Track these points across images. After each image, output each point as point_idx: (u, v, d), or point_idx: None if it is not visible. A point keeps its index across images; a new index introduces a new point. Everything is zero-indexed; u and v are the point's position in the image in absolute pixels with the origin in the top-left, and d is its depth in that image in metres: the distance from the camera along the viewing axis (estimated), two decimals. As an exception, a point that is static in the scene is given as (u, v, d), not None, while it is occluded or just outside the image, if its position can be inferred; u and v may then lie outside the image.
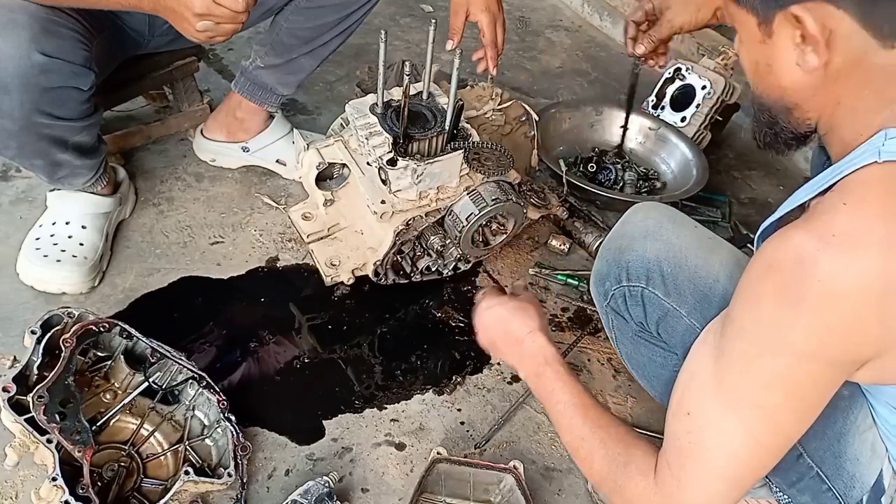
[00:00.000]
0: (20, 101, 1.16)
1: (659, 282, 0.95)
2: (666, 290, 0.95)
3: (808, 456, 0.94)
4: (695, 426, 0.84)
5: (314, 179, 1.51)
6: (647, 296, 0.97)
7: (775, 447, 0.82)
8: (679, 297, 0.94)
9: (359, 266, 1.51)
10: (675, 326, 0.96)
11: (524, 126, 1.77)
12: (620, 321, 1.03)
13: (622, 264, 0.98)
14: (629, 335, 1.05)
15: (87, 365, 1.21)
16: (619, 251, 0.99)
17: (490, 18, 1.48)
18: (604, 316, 1.06)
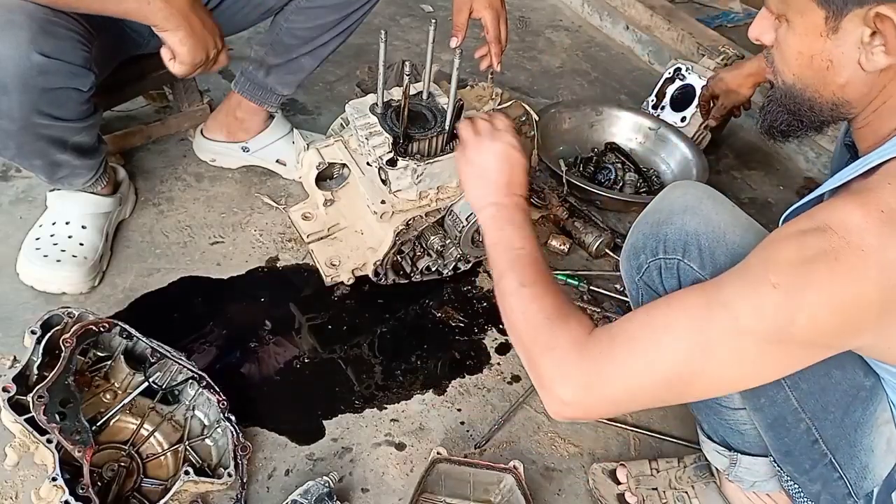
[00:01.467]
0: (19, 102, 1.16)
1: (696, 255, 0.93)
2: (702, 262, 0.93)
3: (823, 442, 0.94)
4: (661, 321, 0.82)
5: (314, 179, 1.51)
6: (683, 268, 0.95)
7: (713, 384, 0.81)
8: (715, 271, 0.91)
9: (359, 266, 1.51)
10: None
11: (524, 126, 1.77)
12: (651, 296, 1.01)
13: (659, 237, 0.96)
14: None
15: (87, 365, 1.21)
16: (657, 224, 0.97)
17: (494, 15, 1.48)
18: (633, 291, 1.04)
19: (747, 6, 2.89)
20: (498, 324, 1.56)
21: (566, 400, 0.85)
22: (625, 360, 0.83)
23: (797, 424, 0.95)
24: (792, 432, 0.96)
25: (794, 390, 0.92)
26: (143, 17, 1.15)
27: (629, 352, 0.82)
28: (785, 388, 0.93)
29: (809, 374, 0.90)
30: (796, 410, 0.94)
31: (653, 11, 2.59)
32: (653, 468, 1.27)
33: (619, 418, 1.41)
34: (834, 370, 0.91)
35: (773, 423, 0.98)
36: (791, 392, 0.93)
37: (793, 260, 0.75)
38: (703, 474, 1.22)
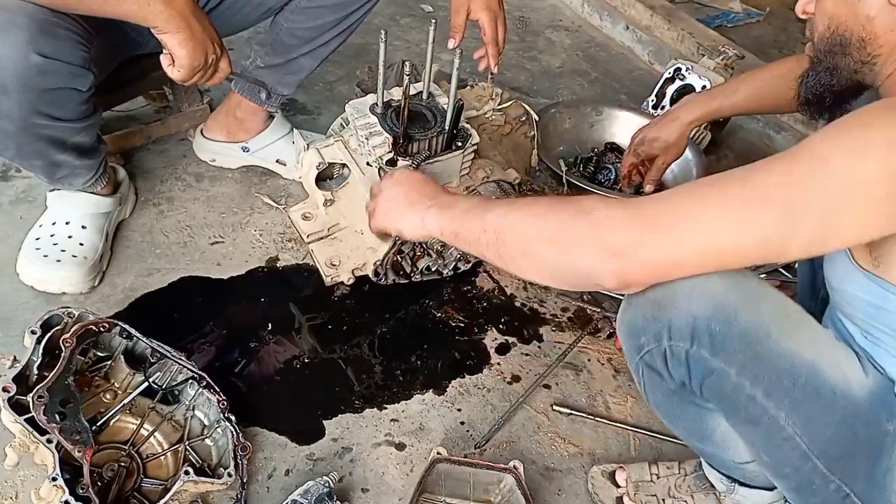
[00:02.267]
0: (18, 103, 1.16)
1: (706, 341, 0.86)
2: (713, 349, 0.86)
3: (855, 496, 0.90)
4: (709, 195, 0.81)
5: (314, 179, 1.51)
6: (693, 356, 0.88)
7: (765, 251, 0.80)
8: (728, 357, 0.86)
9: (359, 266, 1.51)
10: (721, 387, 0.89)
11: (524, 126, 1.77)
12: (654, 376, 0.95)
13: (663, 321, 0.88)
14: (663, 390, 0.98)
15: (87, 365, 1.21)
16: (659, 306, 0.88)
17: (491, 16, 1.48)
18: (634, 368, 0.97)
19: (747, 6, 2.89)
20: (498, 324, 1.56)
21: (616, 247, 0.82)
22: (692, 215, 0.81)
23: (825, 486, 0.90)
24: (820, 493, 0.91)
25: (822, 458, 0.88)
26: (143, 18, 1.15)
27: (698, 208, 0.81)
28: (812, 459, 0.89)
29: (837, 440, 0.87)
30: (825, 475, 0.89)
31: (653, 11, 2.59)
32: (653, 473, 1.26)
33: (619, 418, 1.41)
34: (860, 428, 0.87)
35: (798, 488, 0.94)
36: (819, 461, 0.88)
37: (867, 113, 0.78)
38: (703, 484, 1.21)
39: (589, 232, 0.85)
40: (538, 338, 1.55)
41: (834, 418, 0.87)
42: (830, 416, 0.87)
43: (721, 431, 1.00)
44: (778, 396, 0.86)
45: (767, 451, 0.93)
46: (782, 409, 0.87)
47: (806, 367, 0.86)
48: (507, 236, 0.93)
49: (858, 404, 0.87)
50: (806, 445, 0.88)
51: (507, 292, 1.63)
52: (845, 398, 0.87)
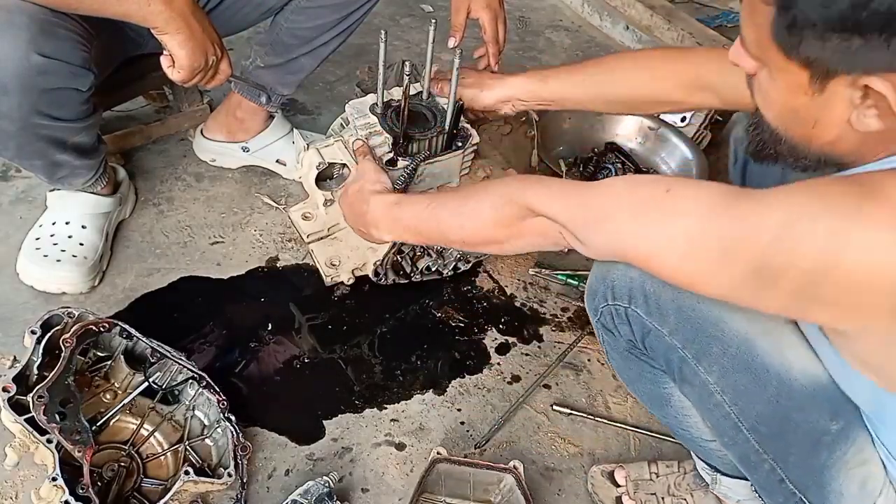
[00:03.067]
0: (18, 103, 1.16)
1: (642, 301, 0.93)
2: (648, 309, 0.92)
3: (790, 482, 0.92)
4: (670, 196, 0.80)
5: (314, 179, 1.51)
6: (632, 314, 0.94)
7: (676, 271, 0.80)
8: (661, 317, 0.91)
9: (359, 266, 1.51)
10: (656, 346, 0.95)
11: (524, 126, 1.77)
12: (610, 337, 1.02)
13: (608, 282, 0.96)
14: (619, 350, 1.04)
15: (87, 365, 1.21)
16: (606, 269, 0.97)
17: (491, 15, 1.48)
18: (596, 331, 1.05)
19: (747, 6, 2.88)
20: (498, 324, 1.56)
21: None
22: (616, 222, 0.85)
23: (761, 464, 0.93)
24: (758, 471, 0.95)
25: (753, 433, 0.91)
26: (143, 19, 1.15)
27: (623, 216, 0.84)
28: (743, 431, 0.92)
29: (768, 418, 0.90)
30: (758, 451, 0.92)
31: (653, 11, 2.58)
32: (652, 472, 1.26)
33: (619, 418, 1.41)
34: (794, 413, 0.89)
35: (740, 460, 0.98)
36: (750, 434, 0.92)
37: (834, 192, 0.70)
38: (702, 482, 1.21)
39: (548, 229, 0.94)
40: (538, 338, 1.55)
41: (764, 395, 0.88)
42: (760, 392, 0.89)
43: (678, 396, 1.03)
44: (707, 361, 0.90)
45: (704, 416, 0.98)
46: (711, 374, 0.90)
47: (737, 339, 0.88)
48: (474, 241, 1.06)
49: (796, 390, 0.88)
50: (735, 416, 0.91)
51: (507, 292, 1.63)
52: (779, 379, 0.88)
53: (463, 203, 1.04)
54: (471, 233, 1.03)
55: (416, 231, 1.12)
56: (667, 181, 0.84)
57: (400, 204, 1.14)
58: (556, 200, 0.92)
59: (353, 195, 1.23)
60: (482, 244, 1.07)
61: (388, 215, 1.15)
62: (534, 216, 0.95)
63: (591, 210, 0.88)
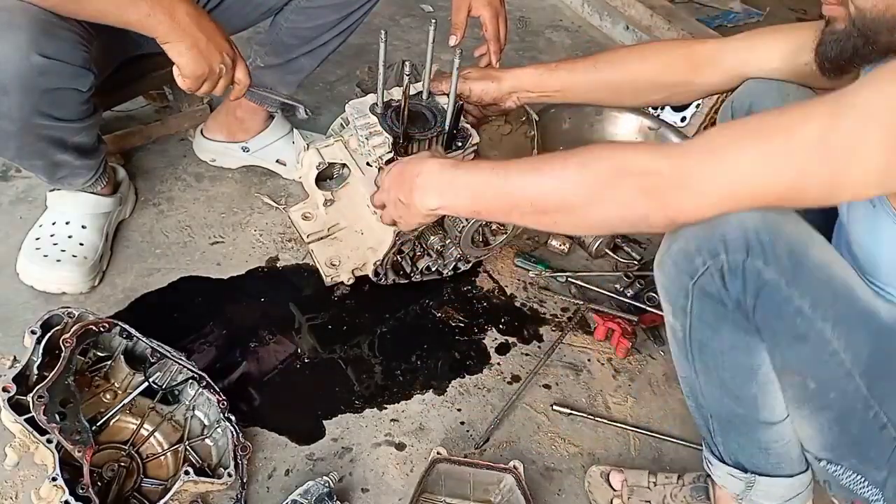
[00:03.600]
0: (19, 103, 1.16)
1: (759, 251, 0.88)
2: (766, 259, 0.88)
3: (892, 426, 0.93)
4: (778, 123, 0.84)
5: (314, 179, 1.51)
6: (749, 268, 0.89)
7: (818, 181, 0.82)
8: (778, 267, 0.88)
9: (359, 266, 1.51)
10: (772, 298, 0.90)
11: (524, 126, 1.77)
12: (706, 302, 0.95)
13: (717, 236, 0.89)
14: (710, 320, 0.97)
15: (87, 365, 1.21)
16: (711, 225, 0.90)
17: (492, 13, 1.48)
18: (682, 298, 0.97)
19: (747, 6, 2.89)
20: (498, 324, 1.56)
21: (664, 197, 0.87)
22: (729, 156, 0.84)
23: (866, 412, 0.93)
24: (861, 422, 0.94)
25: (864, 378, 0.91)
26: (144, 28, 1.15)
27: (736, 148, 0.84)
28: (855, 378, 0.91)
29: (875, 360, 0.90)
30: (866, 398, 0.92)
31: (653, 11, 2.59)
32: (650, 481, 1.24)
33: (619, 418, 1.41)
34: (893, 351, 0.91)
35: (839, 417, 0.96)
36: (861, 380, 0.91)
37: None
38: (699, 496, 1.19)
39: (635, 188, 0.88)
40: (538, 338, 1.55)
41: (870, 336, 0.90)
42: (867, 333, 0.90)
43: (764, 371, 0.99)
44: (823, 308, 0.89)
45: (814, 372, 0.94)
46: (827, 321, 0.89)
47: (841, 283, 0.89)
48: (549, 207, 0.95)
49: (890, 329, 0.90)
50: (850, 362, 0.90)
51: (507, 292, 1.63)
52: (877, 320, 0.90)
53: (542, 161, 0.97)
54: (549, 190, 0.94)
55: (473, 194, 1.03)
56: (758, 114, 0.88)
57: (458, 166, 1.06)
58: (658, 152, 0.89)
59: (408, 161, 1.16)
60: (554, 209, 0.95)
61: (443, 177, 1.05)
62: (631, 175, 0.89)
63: (705, 153, 0.86)
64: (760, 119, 0.88)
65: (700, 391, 1.06)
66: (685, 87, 1.32)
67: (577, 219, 0.96)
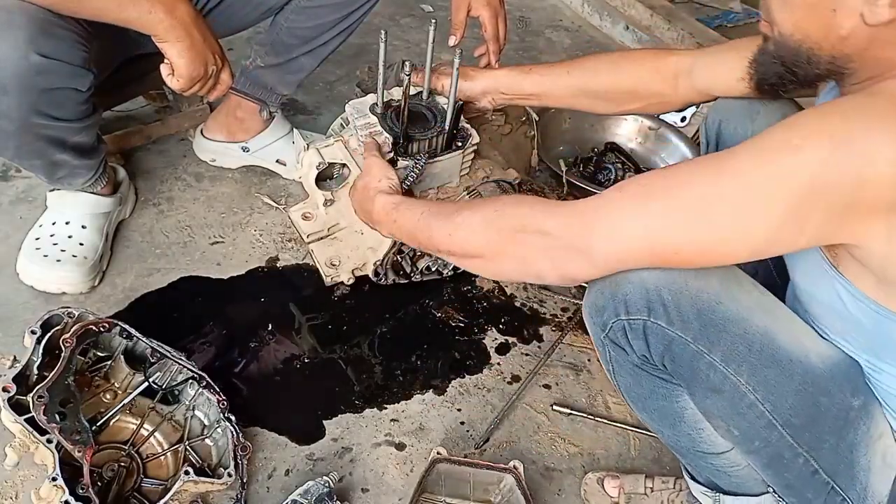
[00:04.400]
0: (18, 103, 1.16)
1: (661, 311, 0.89)
2: (669, 318, 0.89)
3: (823, 471, 0.92)
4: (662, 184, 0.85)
5: (314, 179, 1.51)
6: (650, 327, 0.90)
7: (699, 247, 0.84)
8: (683, 324, 0.88)
9: (359, 266, 1.51)
10: (681, 354, 0.91)
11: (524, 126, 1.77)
12: (619, 353, 0.97)
13: (619, 296, 0.91)
14: (629, 368, 1.00)
15: (87, 365, 1.21)
16: (615, 283, 0.92)
17: (492, 13, 1.48)
18: (600, 347, 1.00)
19: (747, 6, 2.89)
20: (498, 324, 1.56)
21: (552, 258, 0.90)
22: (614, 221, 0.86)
23: (795, 459, 0.92)
24: (791, 468, 0.94)
25: (787, 427, 0.90)
26: (144, 26, 1.16)
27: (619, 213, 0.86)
28: (778, 428, 0.90)
29: (799, 409, 0.89)
30: (792, 446, 0.91)
31: (653, 11, 2.59)
32: (647, 487, 1.24)
33: (619, 418, 1.41)
34: (820, 398, 0.89)
35: (769, 463, 0.96)
36: (784, 430, 0.90)
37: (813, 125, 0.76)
38: (695, 501, 1.18)
39: (527, 247, 0.92)
40: (538, 338, 1.55)
41: (793, 385, 0.88)
42: (789, 382, 0.88)
43: (691, 410, 1.00)
44: (736, 362, 0.88)
45: (735, 423, 0.94)
46: (741, 374, 0.89)
47: (759, 333, 0.88)
48: (458, 252, 1.02)
49: (818, 374, 0.89)
50: (769, 413, 0.90)
51: (507, 292, 1.63)
52: (803, 366, 0.89)
53: (456, 212, 1.01)
54: (458, 243, 1.00)
55: (410, 236, 1.12)
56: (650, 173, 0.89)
57: (398, 208, 1.14)
58: (553, 213, 0.91)
59: (360, 191, 1.24)
60: (466, 257, 1.01)
61: (389, 217, 1.15)
62: (526, 233, 0.92)
63: (592, 216, 0.88)
64: (648, 181, 0.88)
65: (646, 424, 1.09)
66: (659, 98, 1.30)
67: (484, 268, 1.02)
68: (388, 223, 1.16)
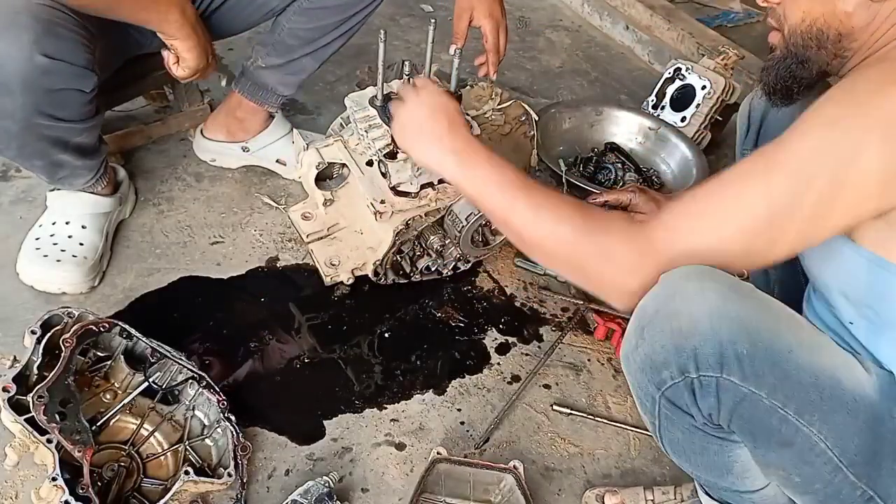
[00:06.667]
0: (22, 103, 1.17)
1: (736, 367, 0.82)
2: (743, 374, 0.82)
3: (878, 497, 0.88)
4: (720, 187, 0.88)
5: (314, 179, 1.51)
6: (723, 384, 0.83)
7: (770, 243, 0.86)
8: (758, 380, 0.83)
9: (358, 266, 1.51)
10: (752, 412, 0.85)
11: (524, 126, 1.77)
12: (676, 412, 0.91)
13: (687, 351, 0.83)
14: (684, 427, 0.94)
15: (87, 365, 1.21)
16: (681, 335, 0.84)
17: (493, 24, 1.48)
18: (649, 403, 0.92)
19: (747, 6, 2.89)
20: (498, 324, 1.56)
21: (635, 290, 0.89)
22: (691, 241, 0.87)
23: (853, 492, 0.88)
24: (846, 501, 0.90)
25: (852, 467, 0.86)
26: (160, 27, 1.29)
27: (694, 231, 0.87)
28: (843, 469, 0.86)
29: (863, 446, 0.86)
30: (853, 483, 0.87)
31: (653, 11, 2.59)
32: (647, 499, 1.23)
33: (619, 418, 1.41)
34: (879, 428, 0.86)
35: (825, 500, 0.92)
36: (849, 470, 0.86)
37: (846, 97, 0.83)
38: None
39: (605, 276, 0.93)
40: (538, 338, 1.55)
41: (858, 425, 0.85)
42: (855, 423, 0.85)
43: (741, 463, 0.97)
44: (809, 412, 0.84)
45: (799, 471, 0.90)
46: (814, 425, 0.84)
47: (828, 378, 0.85)
48: (528, 238, 1.00)
49: (874, 405, 0.86)
50: (837, 458, 0.85)
51: (507, 292, 1.63)
52: (864, 402, 0.86)
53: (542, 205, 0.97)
54: (534, 236, 0.98)
55: (476, 191, 1.04)
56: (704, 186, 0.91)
57: (479, 152, 1.06)
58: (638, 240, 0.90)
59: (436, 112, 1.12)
60: (531, 246, 1.00)
61: (466, 156, 1.06)
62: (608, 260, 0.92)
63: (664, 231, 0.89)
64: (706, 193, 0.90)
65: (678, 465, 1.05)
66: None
67: (542, 260, 1.04)
68: (459, 162, 1.06)
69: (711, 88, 2.00)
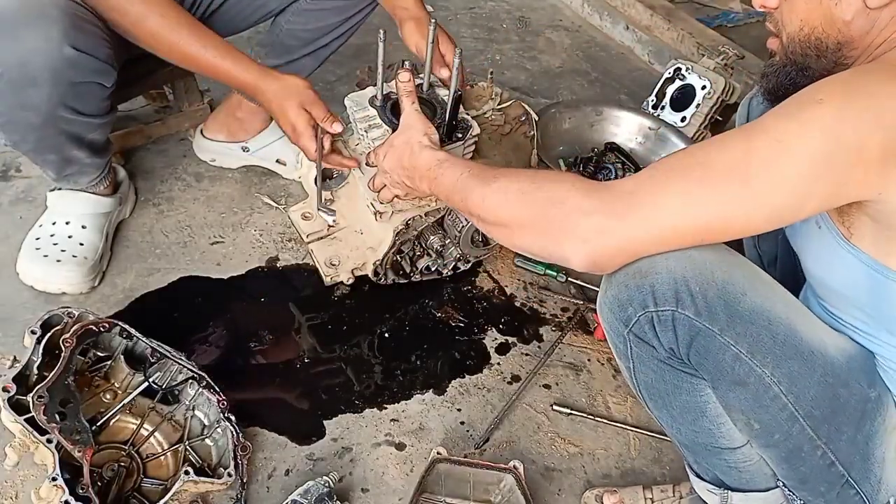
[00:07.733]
0: (48, 95, 1.18)
1: (689, 302, 0.88)
2: (696, 309, 0.88)
3: (839, 464, 0.93)
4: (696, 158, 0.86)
5: (314, 179, 1.51)
6: (678, 318, 0.89)
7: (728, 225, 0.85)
8: (710, 316, 0.88)
9: (358, 266, 1.51)
10: (707, 346, 0.90)
11: (524, 126, 1.77)
12: (643, 348, 0.96)
13: (646, 288, 0.89)
14: (653, 364, 0.98)
15: (87, 365, 1.21)
16: (640, 274, 0.90)
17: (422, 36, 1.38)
18: (621, 343, 0.98)
19: (747, 6, 2.89)
20: (498, 324, 1.56)
21: (586, 235, 0.87)
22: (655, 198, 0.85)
23: (813, 452, 0.93)
24: (808, 461, 0.94)
25: (808, 419, 0.91)
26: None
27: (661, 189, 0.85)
28: (799, 420, 0.91)
29: (820, 400, 0.90)
30: (812, 439, 0.92)
31: (653, 11, 2.59)
32: (647, 498, 1.23)
33: (619, 418, 1.41)
34: (840, 389, 0.90)
35: (788, 456, 0.96)
36: (805, 422, 0.91)
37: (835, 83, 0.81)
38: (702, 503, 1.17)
39: (561, 222, 0.90)
40: (538, 338, 1.55)
41: (814, 377, 0.89)
42: (811, 374, 0.89)
43: (713, 405, 1.00)
44: (761, 353, 0.88)
45: (757, 415, 0.94)
46: (766, 366, 0.89)
47: (783, 325, 0.89)
48: (488, 218, 1.00)
49: (837, 366, 0.90)
50: (792, 405, 0.90)
51: (507, 292, 1.63)
52: (823, 358, 0.90)
53: (494, 178, 0.99)
54: (490, 208, 0.98)
55: (448, 195, 1.09)
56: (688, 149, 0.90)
57: (442, 164, 1.10)
58: (593, 191, 0.89)
59: (401, 147, 1.19)
60: (495, 224, 1.00)
61: (431, 174, 1.11)
62: (563, 210, 0.90)
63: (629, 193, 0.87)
64: (683, 156, 0.88)
65: (659, 421, 1.08)
66: None
67: (510, 239, 1.00)
68: (430, 179, 1.12)
69: (711, 88, 2.00)
